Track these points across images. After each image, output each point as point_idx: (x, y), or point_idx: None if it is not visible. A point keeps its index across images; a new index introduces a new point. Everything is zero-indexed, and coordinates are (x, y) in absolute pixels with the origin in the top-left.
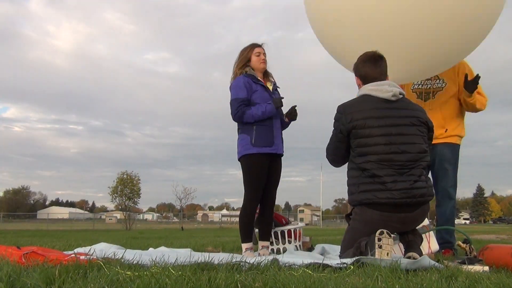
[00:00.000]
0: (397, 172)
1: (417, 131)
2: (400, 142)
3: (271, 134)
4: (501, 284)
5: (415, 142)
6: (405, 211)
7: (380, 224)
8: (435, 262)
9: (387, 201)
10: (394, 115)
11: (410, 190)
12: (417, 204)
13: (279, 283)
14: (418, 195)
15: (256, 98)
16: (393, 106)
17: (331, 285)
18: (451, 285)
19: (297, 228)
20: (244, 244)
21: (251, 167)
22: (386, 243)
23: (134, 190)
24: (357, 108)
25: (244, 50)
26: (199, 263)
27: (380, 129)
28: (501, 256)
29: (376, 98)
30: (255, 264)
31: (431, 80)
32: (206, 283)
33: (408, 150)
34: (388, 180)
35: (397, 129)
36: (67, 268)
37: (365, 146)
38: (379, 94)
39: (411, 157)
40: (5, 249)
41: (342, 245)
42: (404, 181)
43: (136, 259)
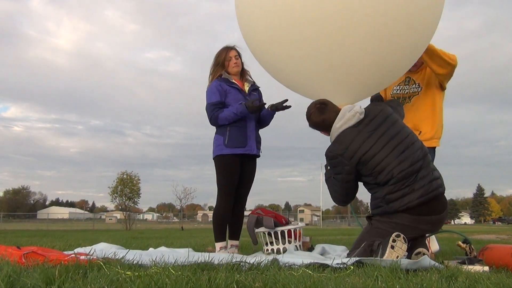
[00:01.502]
0: (416, 169)
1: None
2: (404, 140)
3: (244, 135)
4: (501, 284)
5: (412, 135)
6: (434, 212)
7: (407, 227)
8: (435, 262)
9: (419, 201)
10: (376, 126)
11: (431, 182)
12: (440, 195)
13: (279, 283)
14: (438, 186)
15: (230, 100)
16: (368, 120)
17: (331, 285)
18: (451, 285)
19: (297, 228)
20: (218, 243)
21: (224, 167)
22: (399, 247)
23: (134, 190)
24: (347, 142)
25: (218, 54)
26: (199, 263)
27: (381, 140)
28: (501, 256)
29: (351, 128)
30: (255, 264)
31: (408, 85)
32: (206, 283)
33: (415, 146)
34: (410, 181)
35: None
36: (67, 268)
37: (380, 164)
38: (350, 123)
39: (420, 151)
40: (5, 249)
41: (356, 242)
42: (424, 176)
43: (136, 259)
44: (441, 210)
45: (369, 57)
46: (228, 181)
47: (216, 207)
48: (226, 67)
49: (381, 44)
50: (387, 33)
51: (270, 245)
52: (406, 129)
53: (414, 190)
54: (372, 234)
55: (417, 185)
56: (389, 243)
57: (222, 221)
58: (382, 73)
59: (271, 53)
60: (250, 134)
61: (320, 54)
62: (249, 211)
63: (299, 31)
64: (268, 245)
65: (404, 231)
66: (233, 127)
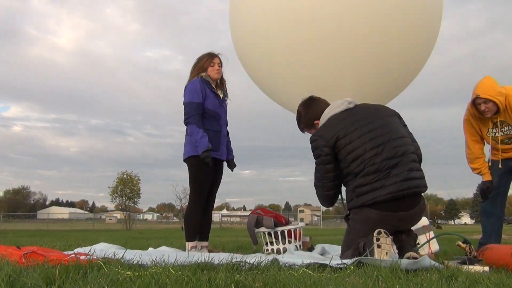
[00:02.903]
0: (390, 165)
1: (390, 118)
2: (382, 134)
3: (218, 141)
4: (501, 284)
5: (394, 129)
6: (402, 209)
7: (378, 222)
8: (435, 262)
9: (385, 197)
10: (365, 116)
11: (405, 181)
12: (413, 195)
13: (279, 283)
14: (413, 186)
15: (208, 103)
16: (355, 110)
17: (331, 285)
18: (451, 285)
19: (297, 228)
20: (189, 242)
21: (199, 169)
22: (384, 243)
23: (134, 190)
24: (331, 126)
25: (201, 58)
26: (199, 263)
27: (361, 129)
28: (501, 256)
29: (339, 114)
30: (255, 264)
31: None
32: (206, 283)
33: (393, 141)
34: (382, 176)
35: (373, 124)
36: (67, 268)
37: (354, 151)
38: (338, 110)
39: (399, 148)
40: (5, 249)
41: (342, 246)
42: (398, 174)
43: (136, 259)
44: (410, 207)
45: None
46: (203, 183)
47: (189, 208)
48: (207, 71)
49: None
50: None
51: (270, 245)
52: (394, 126)
53: (383, 186)
54: (353, 235)
55: (388, 182)
56: (374, 242)
57: (195, 221)
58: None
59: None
60: (223, 140)
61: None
62: (249, 211)
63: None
64: (268, 245)
65: (375, 226)
66: (209, 131)
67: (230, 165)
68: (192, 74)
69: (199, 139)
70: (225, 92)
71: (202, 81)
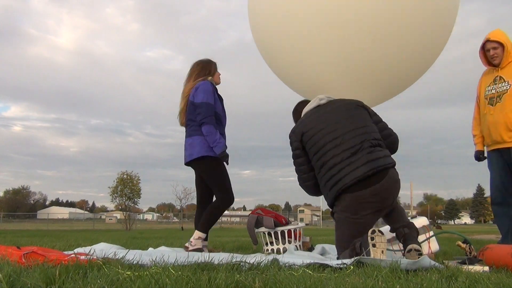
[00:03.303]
0: (351, 153)
1: (353, 111)
2: (342, 126)
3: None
4: (501, 284)
5: (354, 122)
6: (372, 183)
7: (356, 205)
8: (435, 262)
9: (352, 181)
10: (330, 110)
11: (366, 164)
12: (379, 173)
13: (279, 283)
14: (377, 166)
15: (217, 107)
16: (326, 106)
17: (331, 285)
18: (451, 285)
19: (297, 228)
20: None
21: (216, 167)
22: (379, 241)
23: (134, 190)
24: (301, 122)
25: (208, 63)
26: (199, 263)
27: (322, 123)
28: (501, 256)
29: (311, 110)
30: (255, 264)
31: (499, 83)
32: (206, 283)
33: (352, 132)
34: (345, 165)
35: (335, 118)
36: (67, 268)
37: (316, 144)
38: (310, 107)
39: (355, 134)
40: (5, 249)
41: (336, 244)
42: (358, 159)
43: (136, 259)
44: (380, 180)
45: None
46: (226, 178)
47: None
48: (215, 77)
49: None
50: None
51: (270, 245)
52: (356, 118)
53: (348, 173)
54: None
55: (351, 168)
56: (369, 242)
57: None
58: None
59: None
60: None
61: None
62: (249, 211)
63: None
64: (268, 245)
65: (356, 211)
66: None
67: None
68: (200, 76)
69: (218, 139)
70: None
71: (212, 84)
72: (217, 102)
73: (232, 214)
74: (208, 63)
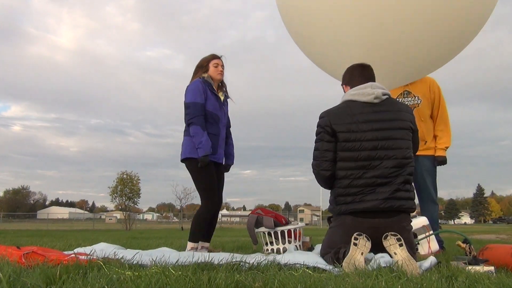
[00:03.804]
0: (380, 180)
1: (404, 135)
2: (387, 147)
3: (216, 143)
4: (501, 284)
5: (402, 147)
6: (379, 216)
7: (352, 227)
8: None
9: (364, 209)
10: (379, 119)
11: (388, 200)
12: (394, 212)
13: (279, 283)
14: (395, 206)
15: (209, 105)
16: (377, 109)
17: (331, 285)
18: (451, 285)
19: (297, 228)
20: (192, 243)
21: (199, 171)
22: (362, 244)
23: (134, 190)
24: (340, 115)
25: (204, 59)
26: (199, 263)
27: (364, 133)
28: (501, 256)
29: (359, 103)
30: (255, 264)
31: (407, 97)
32: (206, 283)
33: (395, 155)
34: (366, 190)
35: (382, 134)
36: (67, 268)
37: (349, 151)
38: (361, 98)
39: (397, 163)
40: (5, 249)
41: (321, 246)
42: (382, 192)
43: (136, 259)
44: (388, 217)
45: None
46: (211, 180)
47: (201, 210)
48: (210, 72)
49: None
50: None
51: (270, 245)
52: (400, 144)
53: (363, 200)
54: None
55: (369, 197)
56: (351, 242)
57: (204, 222)
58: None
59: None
60: (221, 143)
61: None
62: (249, 211)
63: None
64: (268, 245)
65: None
66: (208, 134)
67: (223, 168)
68: (195, 75)
69: (204, 141)
70: (226, 94)
71: (203, 82)
72: (209, 100)
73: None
74: (203, 60)
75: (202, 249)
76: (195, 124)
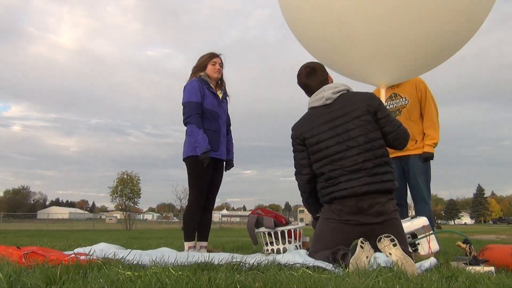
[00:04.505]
0: (349, 169)
1: (361, 122)
2: (348, 138)
3: (217, 140)
4: (501, 284)
5: (360, 134)
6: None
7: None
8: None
9: (342, 193)
10: (334, 117)
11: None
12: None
13: (279, 283)
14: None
15: (207, 103)
16: (331, 109)
17: (331, 285)
18: (451, 285)
19: (297, 228)
20: (187, 242)
21: (197, 169)
22: (368, 249)
23: (134, 190)
24: (303, 124)
25: (202, 57)
26: (199, 263)
27: (327, 133)
28: (501, 257)
29: (317, 108)
30: (255, 264)
31: (394, 100)
32: (206, 283)
33: (358, 143)
34: (341, 179)
35: (341, 129)
36: (67, 268)
37: (319, 152)
38: (317, 104)
39: (361, 149)
40: (5, 249)
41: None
42: (356, 178)
43: (136, 259)
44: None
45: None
46: (202, 182)
47: (188, 208)
48: (207, 70)
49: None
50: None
51: (270, 245)
52: (360, 131)
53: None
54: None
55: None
56: (358, 244)
57: (194, 221)
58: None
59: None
60: (222, 140)
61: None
62: (249, 211)
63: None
64: (268, 245)
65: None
66: (208, 131)
67: (227, 164)
68: (193, 74)
69: (200, 139)
70: (225, 92)
71: (200, 80)
72: (207, 98)
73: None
74: (200, 58)
75: (201, 248)
76: (191, 123)
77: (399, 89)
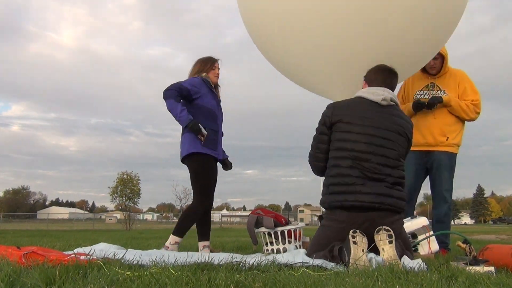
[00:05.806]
0: (370, 175)
1: (400, 139)
2: (380, 145)
3: (216, 140)
4: (501, 284)
5: (395, 149)
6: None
7: (347, 223)
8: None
9: (355, 203)
10: (381, 119)
11: (380, 196)
12: (386, 211)
13: (279, 283)
14: (387, 203)
15: (207, 102)
16: (381, 110)
17: (331, 285)
18: (451, 285)
19: (297, 228)
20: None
21: (204, 166)
22: (360, 241)
23: (134, 190)
24: (346, 106)
25: (204, 60)
26: (199, 263)
27: (364, 127)
28: (501, 257)
29: (367, 101)
30: (255, 264)
31: (433, 90)
32: (206, 283)
33: (387, 155)
34: (358, 182)
35: (380, 132)
36: (67, 268)
37: (345, 141)
38: (370, 97)
39: (388, 162)
40: (5, 249)
41: (311, 243)
42: (375, 186)
43: (136, 259)
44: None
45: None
46: (209, 180)
47: (193, 207)
48: (209, 73)
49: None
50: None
51: (270, 245)
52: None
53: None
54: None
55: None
56: (350, 240)
57: (193, 221)
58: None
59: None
60: (220, 140)
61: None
62: (249, 211)
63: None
64: (268, 245)
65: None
66: (207, 130)
67: (226, 165)
68: (192, 73)
69: (179, 112)
70: (218, 96)
71: (204, 80)
72: (207, 97)
73: (232, 214)
74: (204, 61)
75: (204, 248)
76: (168, 97)
77: (439, 80)
